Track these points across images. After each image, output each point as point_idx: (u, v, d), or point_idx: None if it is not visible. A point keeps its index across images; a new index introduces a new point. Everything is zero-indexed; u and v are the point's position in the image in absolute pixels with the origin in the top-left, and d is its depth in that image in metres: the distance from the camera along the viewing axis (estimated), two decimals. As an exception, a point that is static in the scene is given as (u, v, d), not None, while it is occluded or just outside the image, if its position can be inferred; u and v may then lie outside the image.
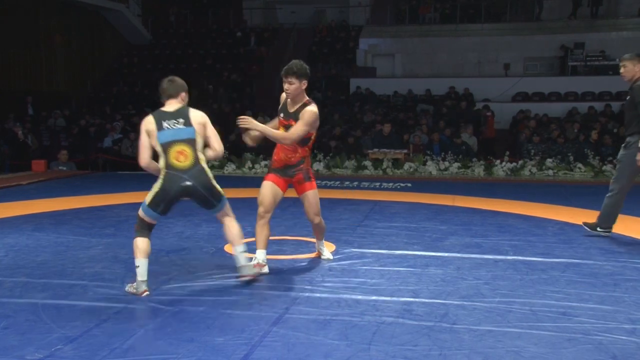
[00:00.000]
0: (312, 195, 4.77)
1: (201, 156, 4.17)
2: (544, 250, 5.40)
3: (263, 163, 11.96)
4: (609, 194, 5.89)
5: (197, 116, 4.23)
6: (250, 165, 11.99)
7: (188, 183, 4.07)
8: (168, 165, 4.11)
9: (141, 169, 4.45)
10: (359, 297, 4.05)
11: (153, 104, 17.63)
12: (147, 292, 4.06)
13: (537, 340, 3.30)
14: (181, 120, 4.15)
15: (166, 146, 4.12)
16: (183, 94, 4.31)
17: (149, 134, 4.21)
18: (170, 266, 4.80)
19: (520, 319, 3.64)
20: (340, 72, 19.01)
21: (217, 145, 4.29)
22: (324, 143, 13.57)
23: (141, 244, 4.12)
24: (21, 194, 8.71)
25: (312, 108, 4.54)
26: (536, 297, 4.06)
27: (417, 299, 4.01)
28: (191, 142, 4.13)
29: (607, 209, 5.91)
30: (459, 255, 5.24)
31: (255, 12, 23.81)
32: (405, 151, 12.37)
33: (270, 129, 4.58)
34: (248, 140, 4.69)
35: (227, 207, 4.34)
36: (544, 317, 3.66)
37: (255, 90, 18.75)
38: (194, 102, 4.55)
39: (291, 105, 4.63)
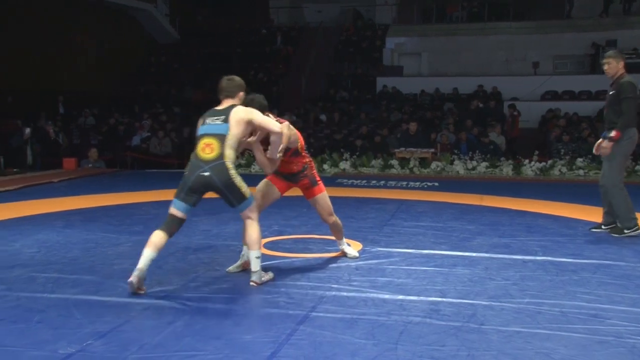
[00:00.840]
0: (322, 198, 4.81)
1: (229, 154, 4.16)
2: (574, 251, 5.32)
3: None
4: (610, 193, 5.83)
5: (239, 112, 4.24)
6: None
7: (206, 174, 4.11)
8: (195, 155, 4.22)
9: (168, 167, 4.50)
10: (386, 296, 4.03)
11: (180, 103, 17.87)
12: (134, 279, 3.97)
13: (567, 342, 3.25)
14: (222, 117, 4.24)
15: (199, 138, 4.23)
16: (241, 94, 4.39)
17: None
18: (198, 264, 4.84)
19: (550, 320, 3.58)
20: (366, 71, 18.96)
21: (273, 127, 4.29)
22: (350, 142, 13.55)
23: (154, 236, 4.15)
24: (52, 191, 8.87)
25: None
26: (566, 298, 4.00)
27: (444, 299, 3.98)
28: (221, 137, 4.17)
29: (620, 209, 5.83)
30: (486, 255, 5.18)
31: (281, 11, 23.87)
32: (432, 150, 12.29)
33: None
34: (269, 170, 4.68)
35: (251, 210, 4.28)
36: (575, 319, 3.60)
37: (281, 90, 18.82)
38: (220, 101, 4.56)
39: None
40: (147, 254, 4.08)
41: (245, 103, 4.40)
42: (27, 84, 16.14)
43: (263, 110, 4.44)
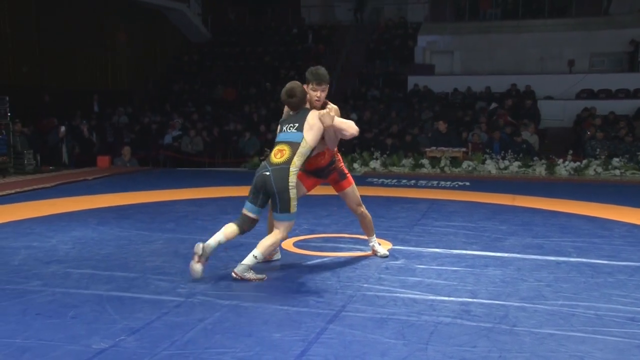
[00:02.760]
0: (351, 191, 4.88)
1: (296, 161, 4.30)
2: (610, 253, 5.21)
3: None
4: None
5: (310, 119, 4.39)
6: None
7: (267, 173, 4.31)
8: (267, 158, 4.45)
9: (200, 165, 4.66)
10: (416, 296, 4.00)
11: (212, 102, 18.03)
12: (196, 255, 4.22)
13: (602, 345, 3.19)
14: (296, 124, 4.39)
15: (275, 144, 4.47)
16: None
17: None
18: (228, 262, 4.87)
19: (585, 323, 3.51)
20: (397, 70, 18.85)
21: (347, 128, 4.47)
22: (380, 141, 13.50)
23: (227, 227, 4.41)
24: (87, 189, 9.03)
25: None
26: (601, 301, 3.91)
27: (475, 300, 3.93)
28: (291, 144, 4.35)
29: None
30: (519, 255, 5.11)
31: (313, 10, 23.90)
32: (464, 149, 12.17)
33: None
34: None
35: (285, 226, 4.38)
36: (610, 322, 3.52)
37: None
38: (252, 100, 4.62)
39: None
40: (216, 236, 4.35)
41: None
42: (62, 82, 16.47)
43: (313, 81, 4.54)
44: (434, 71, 19.00)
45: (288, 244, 5.45)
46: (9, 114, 10.80)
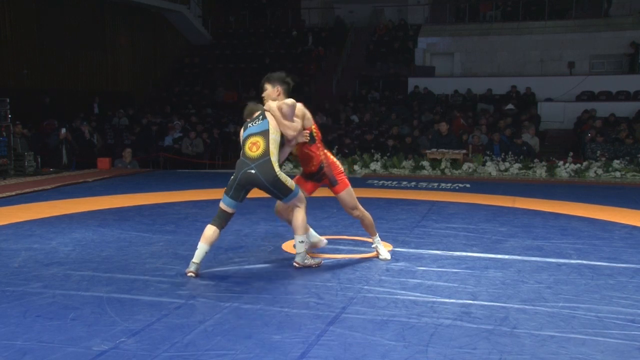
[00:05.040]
0: (345, 195, 4.90)
1: (273, 150, 4.45)
2: (611, 255, 5.20)
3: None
4: None
5: (269, 105, 4.58)
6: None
7: (252, 171, 4.44)
8: (243, 154, 4.55)
9: (200, 167, 4.77)
10: (417, 298, 4.00)
11: (213, 104, 18.04)
12: (191, 274, 4.44)
13: (603, 347, 3.18)
14: (260, 116, 4.58)
15: (244, 141, 4.59)
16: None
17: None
18: (229, 263, 4.88)
19: (585, 325, 3.51)
20: (398, 72, 18.87)
21: (284, 121, 4.54)
22: (381, 143, 13.50)
23: (207, 230, 4.54)
24: (87, 191, 9.03)
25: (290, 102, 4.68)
26: (602, 303, 3.91)
27: (475, 302, 3.93)
28: (263, 134, 4.49)
29: None
30: (519, 257, 5.11)
31: (313, 12, 23.92)
32: (464, 151, 12.17)
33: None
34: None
35: (297, 199, 4.59)
36: (611, 324, 3.52)
37: (313, 90, 18.85)
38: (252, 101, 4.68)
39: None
40: (201, 247, 4.49)
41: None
42: (63, 84, 16.47)
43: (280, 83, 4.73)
44: (434, 73, 19.02)
45: (289, 246, 5.45)
46: (9, 116, 10.81)
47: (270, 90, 4.73)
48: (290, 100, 4.59)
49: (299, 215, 4.61)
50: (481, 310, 3.76)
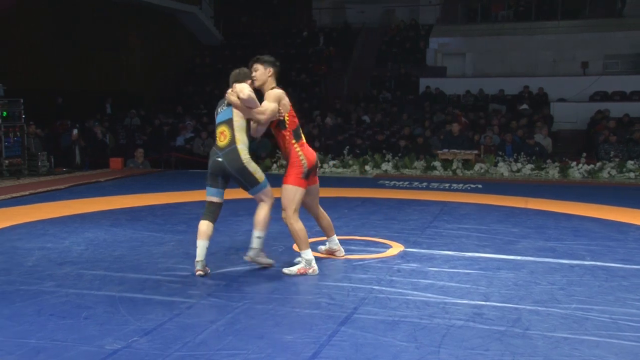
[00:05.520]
0: (284, 189, 4.63)
1: (239, 137, 4.48)
2: (625, 257, 5.16)
3: (331, 163, 11.99)
4: None
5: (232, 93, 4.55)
6: (319, 165, 12.02)
7: (219, 159, 4.51)
8: (214, 143, 4.63)
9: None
10: (428, 298, 3.99)
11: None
12: (200, 272, 4.50)
13: (618, 350, 3.16)
14: (225, 102, 4.60)
15: (215, 128, 4.66)
16: (248, 82, 4.63)
17: None
18: (240, 264, 4.88)
19: (599, 327, 3.48)
20: (409, 72, 18.82)
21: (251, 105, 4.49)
22: (392, 143, 13.47)
23: (201, 226, 4.57)
24: (100, 191, 9.08)
25: (276, 89, 4.65)
26: (616, 305, 3.88)
27: (488, 303, 3.91)
28: (227, 123, 4.54)
29: None
30: (532, 259, 5.08)
31: (324, 13, 23.92)
32: (476, 152, 12.11)
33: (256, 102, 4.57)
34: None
35: (264, 193, 4.58)
36: (625, 327, 3.49)
37: (323, 90, 18.84)
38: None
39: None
40: (201, 244, 4.54)
41: (232, 74, 4.69)
42: (76, 85, 16.58)
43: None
44: (445, 73, 18.96)
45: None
46: (23, 116, 10.89)
47: (262, 70, 4.68)
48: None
49: (262, 211, 4.58)
50: (493, 312, 3.74)
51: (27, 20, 15.20)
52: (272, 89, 4.67)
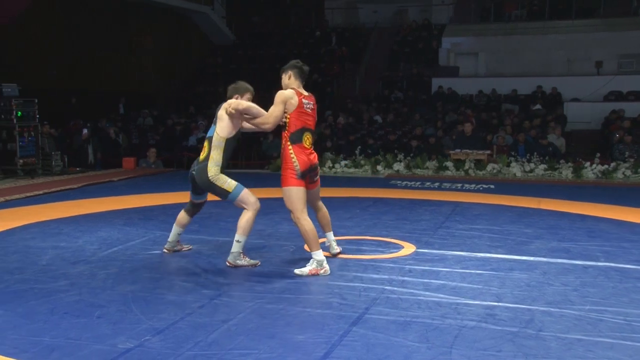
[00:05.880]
0: (283, 193, 4.68)
1: (213, 155, 4.65)
2: None
3: (343, 163, 11.98)
4: None
5: (219, 112, 4.76)
6: (331, 165, 12.04)
7: (192, 172, 4.87)
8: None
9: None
10: (440, 299, 3.97)
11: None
12: (165, 250, 5.17)
13: (632, 352, 3.13)
14: (215, 119, 4.79)
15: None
16: (236, 96, 4.80)
17: None
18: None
19: (613, 328, 3.45)
20: (421, 72, 18.77)
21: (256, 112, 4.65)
22: (404, 143, 13.44)
23: (179, 214, 5.15)
24: (112, 190, 9.14)
25: (283, 91, 4.69)
26: (631, 306, 3.84)
27: (500, 303, 3.89)
28: (209, 139, 4.76)
29: None
30: (545, 259, 5.05)
31: (337, 12, 23.91)
32: (489, 152, 12.05)
33: (257, 109, 4.68)
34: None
35: (240, 200, 4.71)
36: None
37: (335, 90, 18.83)
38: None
39: None
40: (173, 228, 5.19)
41: (228, 88, 4.92)
42: (89, 85, 16.70)
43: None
44: (458, 73, 18.88)
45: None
46: (37, 116, 10.98)
47: (284, 77, 4.79)
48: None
49: (244, 216, 4.69)
50: (506, 312, 3.72)
51: (41, 21, 15.32)
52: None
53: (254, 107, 4.64)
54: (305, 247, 5.26)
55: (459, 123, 14.03)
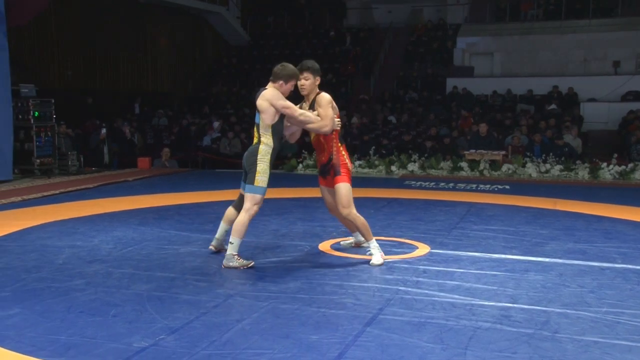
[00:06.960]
0: (341, 188, 4.83)
1: (264, 140, 4.69)
2: (657, 259, 5.05)
3: (357, 163, 11.97)
4: None
5: (258, 102, 4.75)
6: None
7: (245, 154, 4.84)
8: None
9: (238, 167, 4.99)
10: (455, 300, 3.96)
11: (251, 104, 18.14)
12: (211, 248, 5.16)
13: (649, 355, 3.09)
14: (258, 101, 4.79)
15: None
16: (280, 82, 4.78)
17: None
18: (266, 263, 4.90)
19: (631, 331, 3.42)
20: (436, 72, 18.70)
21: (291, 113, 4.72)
22: (419, 143, 13.40)
23: (227, 210, 5.11)
24: (128, 190, 9.20)
25: (324, 94, 4.81)
26: (648, 309, 3.80)
27: (515, 305, 3.86)
28: (257, 126, 4.78)
29: None
30: (561, 261, 5.00)
31: (351, 13, 23.89)
32: (504, 152, 11.97)
33: (309, 115, 4.77)
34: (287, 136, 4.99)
35: (253, 197, 4.70)
36: (657, 331, 3.42)
37: (350, 90, 18.82)
38: (291, 101, 4.75)
39: (307, 103, 4.92)
40: (220, 225, 5.13)
41: (275, 69, 4.90)
42: (105, 85, 16.84)
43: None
44: (473, 73, 18.78)
45: (325, 247, 5.46)
46: (54, 116, 11.09)
47: (312, 80, 4.85)
48: (328, 96, 4.75)
49: (240, 218, 4.71)
50: (521, 314, 3.69)
51: (58, 22, 15.48)
52: (318, 94, 4.85)
53: (305, 114, 4.72)
54: (320, 246, 5.29)
55: (473, 123, 13.95)
